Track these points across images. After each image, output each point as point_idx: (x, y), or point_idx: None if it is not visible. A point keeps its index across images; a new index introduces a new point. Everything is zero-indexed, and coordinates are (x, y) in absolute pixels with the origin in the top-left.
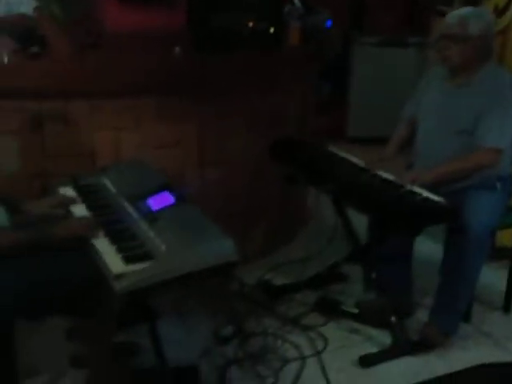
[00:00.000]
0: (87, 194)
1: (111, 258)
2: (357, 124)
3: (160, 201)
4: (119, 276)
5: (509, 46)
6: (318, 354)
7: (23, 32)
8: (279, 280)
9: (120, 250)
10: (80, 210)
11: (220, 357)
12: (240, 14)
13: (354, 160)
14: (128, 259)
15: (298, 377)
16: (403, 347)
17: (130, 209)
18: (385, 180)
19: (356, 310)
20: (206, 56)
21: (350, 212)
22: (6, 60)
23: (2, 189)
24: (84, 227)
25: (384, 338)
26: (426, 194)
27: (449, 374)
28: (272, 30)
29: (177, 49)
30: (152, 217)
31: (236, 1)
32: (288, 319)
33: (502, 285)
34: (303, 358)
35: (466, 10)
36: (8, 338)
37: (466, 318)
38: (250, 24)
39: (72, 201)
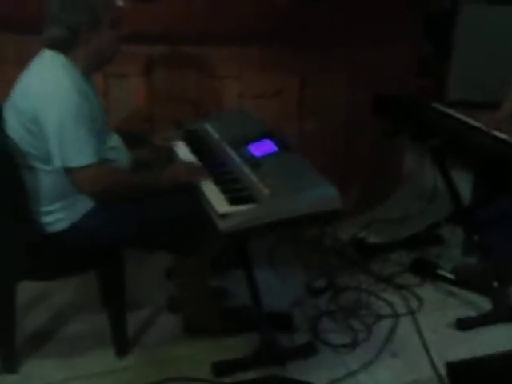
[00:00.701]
0: (191, 139)
1: (216, 198)
2: (460, 87)
3: (262, 148)
4: (223, 215)
5: None
6: (412, 313)
7: None
8: (373, 238)
9: (224, 191)
10: (184, 153)
11: (312, 308)
12: None
13: (463, 117)
14: (232, 200)
15: (391, 333)
16: (504, 313)
17: (233, 154)
18: (496, 137)
19: (453, 276)
20: (315, 3)
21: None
22: (121, 3)
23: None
24: (191, 174)
25: (482, 304)
26: None
27: None
28: None
29: None
30: (255, 162)
31: None
32: (382, 277)
33: None
34: (397, 316)
35: None
36: (118, 269)
37: None
38: None
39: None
